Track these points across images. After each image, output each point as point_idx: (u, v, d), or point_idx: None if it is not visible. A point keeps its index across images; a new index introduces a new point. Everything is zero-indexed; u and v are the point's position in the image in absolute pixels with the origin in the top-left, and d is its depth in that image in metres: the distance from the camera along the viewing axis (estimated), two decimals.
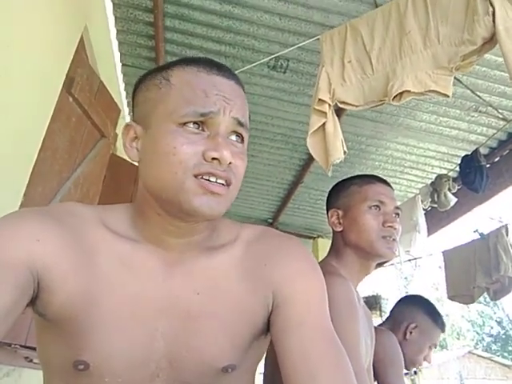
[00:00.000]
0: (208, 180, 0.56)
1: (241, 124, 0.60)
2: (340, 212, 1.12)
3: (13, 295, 0.51)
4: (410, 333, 1.60)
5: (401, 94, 1.67)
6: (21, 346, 1.49)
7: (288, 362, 0.58)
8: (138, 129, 0.62)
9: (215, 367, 0.60)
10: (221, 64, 0.63)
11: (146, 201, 0.62)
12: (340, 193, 1.15)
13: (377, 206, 1.07)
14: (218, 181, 0.56)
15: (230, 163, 0.57)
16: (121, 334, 0.57)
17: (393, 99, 1.68)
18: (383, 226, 1.05)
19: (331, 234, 1.18)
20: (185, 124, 0.57)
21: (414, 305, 1.69)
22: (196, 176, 0.56)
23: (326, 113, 1.82)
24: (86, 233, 0.60)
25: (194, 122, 0.57)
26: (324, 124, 1.82)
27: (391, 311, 1.75)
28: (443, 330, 1.67)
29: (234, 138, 0.60)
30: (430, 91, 1.64)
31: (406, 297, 1.88)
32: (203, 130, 0.58)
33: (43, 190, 1.67)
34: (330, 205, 1.17)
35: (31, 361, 1.60)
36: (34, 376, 1.97)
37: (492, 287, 3.29)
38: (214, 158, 0.56)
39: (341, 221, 1.11)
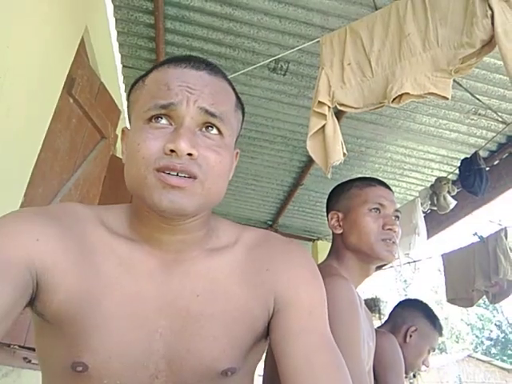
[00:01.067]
0: (168, 174, 0.54)
1: (211, 114, 0.57)
2: (340, 214, 1.11)
3: (12, 295, 0.51)
4: (410, 336, 1.60)
5: (400, 96, 1.67)
6: (20, 346, 1.49)
7: (288, 367, 0.58)
8: (127, 133, 0.64)
9: (214, 370, 0.59)
10: (194, 57, 0.62)
11: (137, 200, 0.62)
12: (340, 195, 1.15)
13: (377, 208, 1.07)
14: (180, 174, 0.54)
15: (190, 155, 0.54)
16: (120, 334, 0.57)
17: (392, 102, 1.69)
18: (383, 229, 1.04)
19: (331, 237, 1.18)
20: (150, 120, 0.57)
21: (414, 308, 1.69)
22: (158, 170, 0.54)
23: (325, 115, 1.82)
24: (85, 233, 0.60)
25: (159, 116, 0.57)
26: (324, 126, 1.83)
27: (390, 314, 1.75)
28: (441, 334, 1.68)
29: (207, 129, 0.58)
30: (429, 94, 1.64)
31: (405, 300, 1.88)
32: (171, 124, 0.57)
33: (43, 190, 1.67)
34: (329, 207, 1.17)
35: (30, 361, 1.59)
36: (33, 377, 1.97)
37: (491, 290, 3.29)
38: (172, 151, 0.54)
39: (341, 223, 1.11)
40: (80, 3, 1.95)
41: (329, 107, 1.83)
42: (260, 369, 0.95)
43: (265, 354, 0.89)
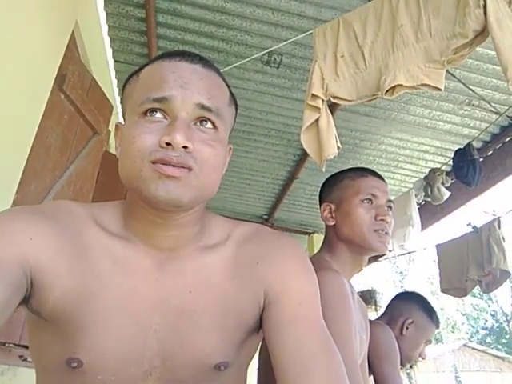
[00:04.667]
0: (164, 165, 0.54)
1: (207, 109, 0.58)
2: (332, 206, 1.11)
3: (4, 293, 0.51)
4: (407, 328, 1.61)
5: (393, 88, 1.67)
6: (15, 344, 1.49)
7: (280, 358, 0.58)
8: (121, 127, 0.64)
9: (208, 364, 0.60)
10: (187, 51, 0.62)
11: (131, 195, 0.62)
12: (332, 186, 1.14)
13: (369, 199, 1.06)
14: (175, 166, 0.54)
15: (185, 147, 0.54)
16: (115, 331, 0.57)
17: (385, 93, 1.68)
18: (375, 220, 1.04)
19: None
20: (145, 114, 0.57)
21: (411, 301, 1.70)
22: (153, 162, 0.54)
23: (319, 108, 1.81)
24: (79, 231, 0.60)
25: (153, 110, 0.57)
26: (317, 119, 1.82)
27: (387, 306, 1.76)
28: (438, 327, 1.69)
29: (201, 123, 0.58)
30: (423, 85, 1.64)
31: (402, 293, 1.90)
32: (166, 118, 0.57)
33: (36, 187, 1.65)
34: (322, 199, 1.17)
35: (26, 359, 1.59)
36: (29, 375, 1.96)
37: (484, 280, 3.32)
38: (168, 144, 0.54)
39: (333, 215, 1.10)
40: None
41: (322, 100, 1.83)
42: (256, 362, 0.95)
43: (259, 349, 0.89)
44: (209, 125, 0.59)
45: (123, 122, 0.66)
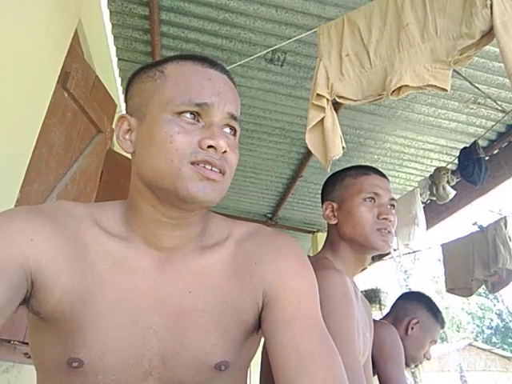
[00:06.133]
0: (204, 167, 0.57)
1: (234, 117, 0.62)
2: (334, 205, 1.09)
3: (5, 294, 0.51)
4: (412, 328, 1.60)
5: (399, 88, 1.65)
6: (20, 342, 1.49)
7: (278, 358, 0.58)
8: (132, 121, 0.63)
9: (208, 364, 0.60)
10: (213, 59, 0.65)
11: (139, 193, 0.62)
12: (334, 185, 1.13)
13: (371, 197, 1.04)
14: (214, 169, 0.58)
15: (224, 152, 0.58)
16: (115, 331, 0.58)
17: (391, 94, 1.67)
18: (378, 219, 1.02)
19: None
20: (181, 114, 0.59)
21: (416, 301, 1.69)
22: (192, 163, 0.57)
23: (324, 108, 1.80)
24: (79, 232, 0.61)
25: (190, 112, 0.59)
26: (322, 119, 1.81)
27: (392, 306, 1.75)
28: (443, 327, 1.68)
29: (227, 130, 0.62)
30: (429, 86, 1.61)
31: (407, 293, 1.89)
32: (198, 120, 0.60)
33: (39, 186, 1.66)
34: (324, 197, 1.15)
35: (30, 357, 1.59)
36: (33, 372, 1.97)
37: (490, 280, 3.29)
38: (209, 147, 0.57)
39: (335, 213, 1.09)
40: None
41: (327, 100, 1.81)
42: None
43: (262, 349, 0.89)
44: (233, 131, 0.63)
45: (127, 114, 0.65)
